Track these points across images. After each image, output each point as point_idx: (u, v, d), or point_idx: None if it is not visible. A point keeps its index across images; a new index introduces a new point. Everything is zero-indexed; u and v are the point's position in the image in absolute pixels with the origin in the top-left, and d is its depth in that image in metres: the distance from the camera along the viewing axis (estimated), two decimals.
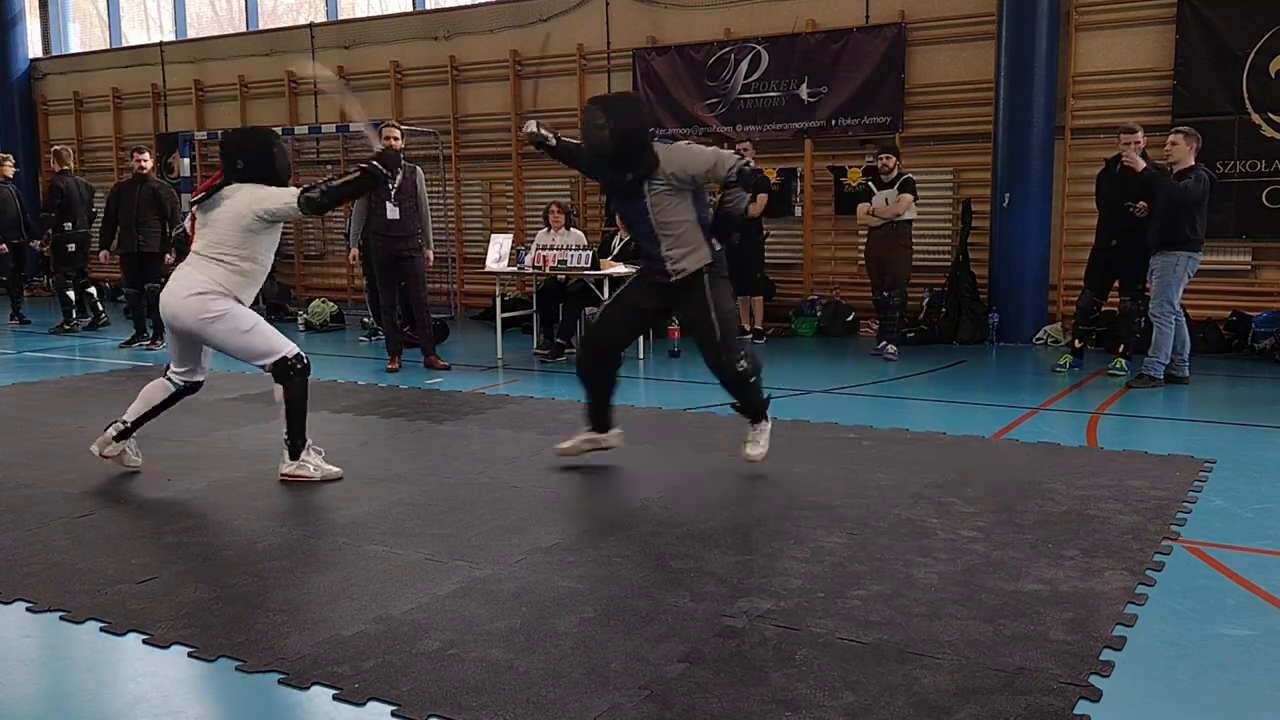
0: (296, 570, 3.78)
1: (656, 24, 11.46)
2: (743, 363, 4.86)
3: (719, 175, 4.69)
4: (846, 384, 7.66)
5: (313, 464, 4.93)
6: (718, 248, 4.87)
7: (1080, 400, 6.93)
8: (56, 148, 11.50)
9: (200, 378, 5.12)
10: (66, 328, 10.93)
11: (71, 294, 11.03)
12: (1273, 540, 4.08)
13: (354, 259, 9.31)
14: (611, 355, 5.09)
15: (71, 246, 10.93)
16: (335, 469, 4.99)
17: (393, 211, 8.23)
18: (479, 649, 3.07)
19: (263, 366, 4.82)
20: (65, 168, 11.05)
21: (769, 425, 5.10)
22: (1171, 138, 7.26)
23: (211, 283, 4.70)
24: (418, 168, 8.61)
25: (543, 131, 5.03)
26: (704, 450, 5.51)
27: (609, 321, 5.13)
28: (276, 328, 4.94)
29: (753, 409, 5.05)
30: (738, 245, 9.65)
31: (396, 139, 8.25)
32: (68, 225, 10.87)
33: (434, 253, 9.10)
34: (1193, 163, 7.15)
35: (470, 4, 12.83)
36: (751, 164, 4.81)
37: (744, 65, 10.87)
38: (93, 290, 11.24)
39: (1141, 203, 7.29)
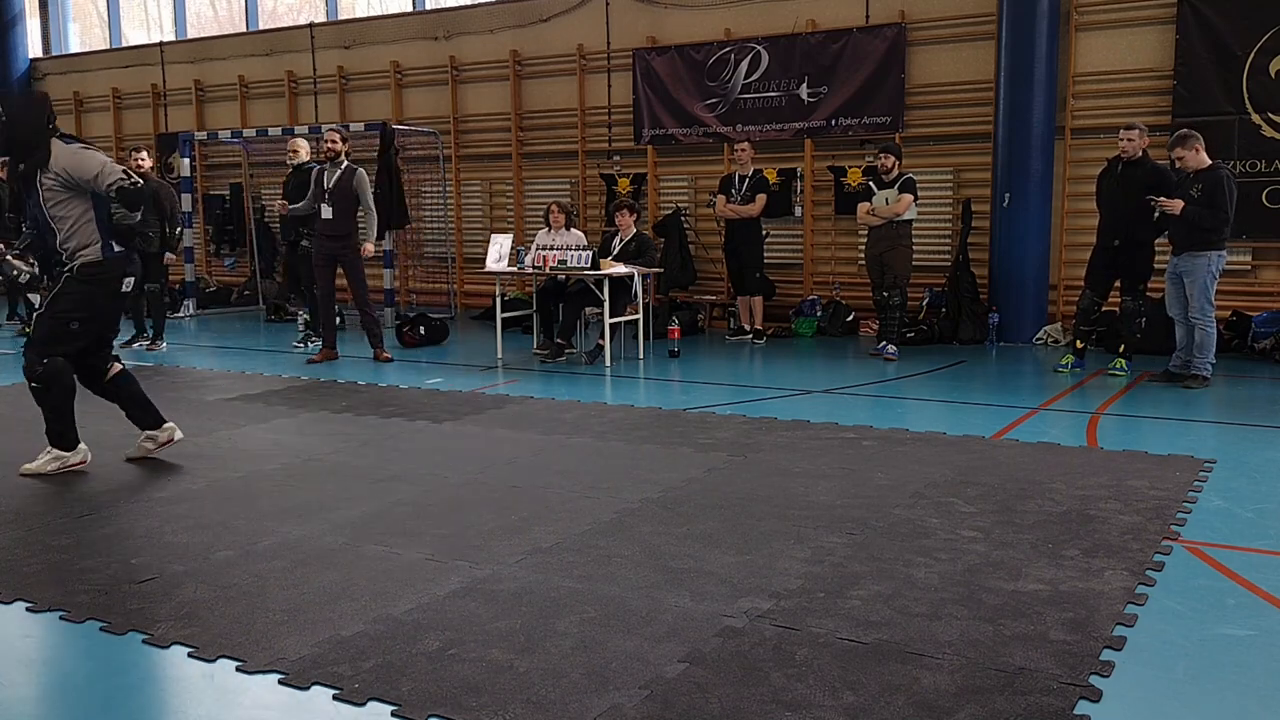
0: (296, 570, 3.78)
1: (656, 24, 11.46)
2: (36, 369, 5.00)
3: (99, 186, 4.88)
4: (846, 384, 7.66)
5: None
6: (117, 249, 5.04)
7: (1080, 400, 6.92)
8: None
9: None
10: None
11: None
12: (1273, 540, 4.08)
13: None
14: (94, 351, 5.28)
15: None
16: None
17: (326, 211, 8.66)
18: (479, 649, 3.07)
19: None
20: None
21: (50, 456, 5.16)
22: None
23: None
24: (359, 169, 8.88)
25: None
26: (704, 450, 5.51)
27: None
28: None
29: (50, 433, 5.16)
30: (737, 247, 9.83)
31: (334, 142, 8.72)
32: None
33: (376, 246, 9.31)
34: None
35: (470, 4, 12.82)
36: (138, 184, 4.90)
37: (744, 65, 10.87)
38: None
39: (1175, 199, 7.14)
